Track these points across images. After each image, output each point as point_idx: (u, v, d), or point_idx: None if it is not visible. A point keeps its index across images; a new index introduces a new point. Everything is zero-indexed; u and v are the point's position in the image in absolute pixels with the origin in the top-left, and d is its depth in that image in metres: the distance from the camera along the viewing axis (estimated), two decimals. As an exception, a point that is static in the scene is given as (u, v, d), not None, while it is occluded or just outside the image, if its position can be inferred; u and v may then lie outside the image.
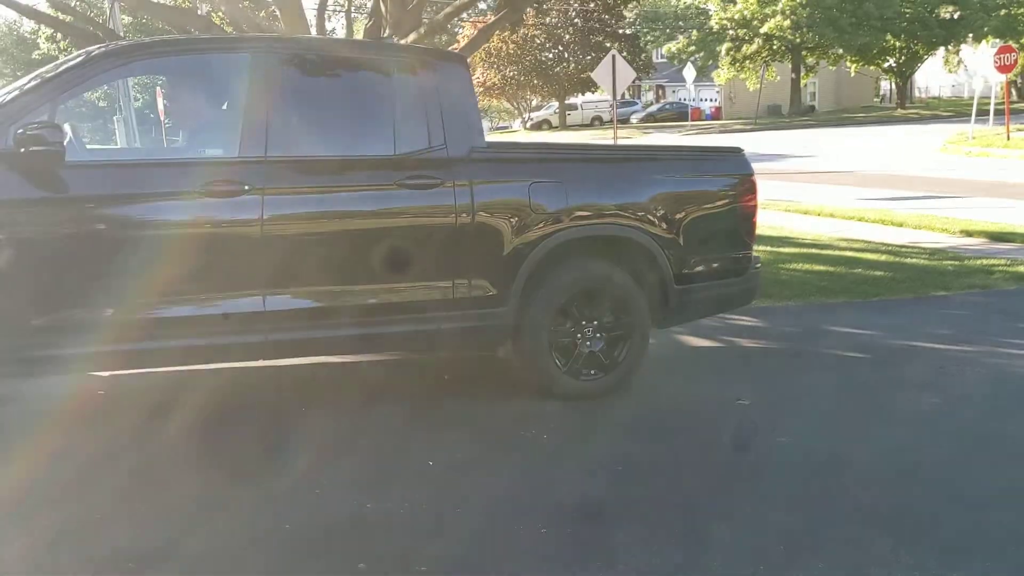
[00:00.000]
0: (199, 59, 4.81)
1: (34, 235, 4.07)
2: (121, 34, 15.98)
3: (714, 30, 47.44)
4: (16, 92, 4.34)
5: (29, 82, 4.49)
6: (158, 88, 26.01)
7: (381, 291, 4.64)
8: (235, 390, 5.17)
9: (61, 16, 12.30)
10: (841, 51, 48.41)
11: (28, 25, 49.71)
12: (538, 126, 53.12)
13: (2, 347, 4.00)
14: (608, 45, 41.47)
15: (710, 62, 49.77)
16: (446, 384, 5.43)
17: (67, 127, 4.19)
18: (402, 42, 8.42)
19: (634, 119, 51.89)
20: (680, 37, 50.33)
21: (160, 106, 26.09)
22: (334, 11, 20.02)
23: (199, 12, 12.07)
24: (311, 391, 5.24)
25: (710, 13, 48.24)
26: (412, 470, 4.02)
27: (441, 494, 3.75)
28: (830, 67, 53.43)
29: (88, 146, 6.13)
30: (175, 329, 4.31)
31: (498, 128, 57.04)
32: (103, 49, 4.70)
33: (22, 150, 3.91)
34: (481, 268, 4.74)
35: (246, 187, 4.28)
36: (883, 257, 9.40)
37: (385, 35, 9.17)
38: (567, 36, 48.04)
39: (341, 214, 4.57)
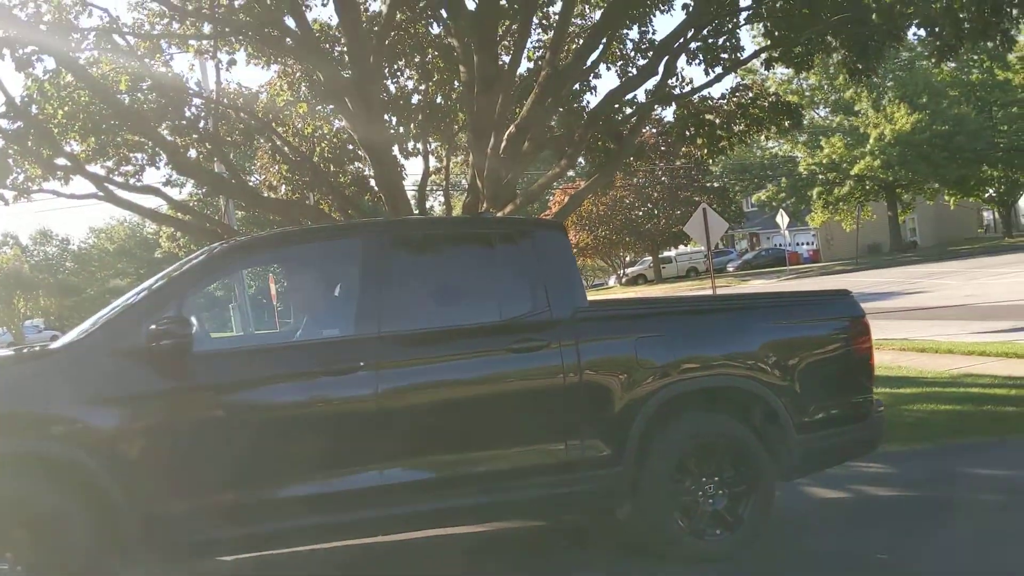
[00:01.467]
0: (313, 247, 5.14)
1: (165, 425, 4.25)
2: (235, 227, 17.09)
3: (803, 176, 47.66)
4: (146, 291, 4.66)
5: (158, 280, 4.82)
6: (270, 275, 27.42)
7: (496, 457, 4.64)
8: (358, 569, 5.15)
9: (181, 216, 13.26)
10: (937, 185, 47.80)
11: (150, 227, 53.68)
12: (633, 281, 53.52)
13: (141, 539, 4.10)
14: (697, 199, 41.98)
15: (802, 207, 49.78)
16: (567, 549, 5.29)
17: (194, 319, 4.45)
18: (499, 214, 8.75)
19: (731, 267, 51.85)
20: (769, 185, 50.69)
21: (272, 291, 27.47)
22: (432, 190, 21.03)
23: (308, 202, 12.86)
24: (434, 565, 5.16)
25: (797, 160, 48.62)
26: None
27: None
28: (928, 202, 52.65)
29: (211, 335, 6.46)
30: (297, 508, 4.36)
31: (594, 286, 57.63)
32: (225, 246, 5.04)
33: (154, 344, 4.16)
34: (593, 428, 4.71)
35: (361, 363, 4.42)
36: (1013, 392, 8.92)
37: (483, 209, 9.56)
38: (655, 194, 48.96)
39: (453, 382, 4.66)
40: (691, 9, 10.34)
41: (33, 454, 4.05)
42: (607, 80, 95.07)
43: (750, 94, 12.34)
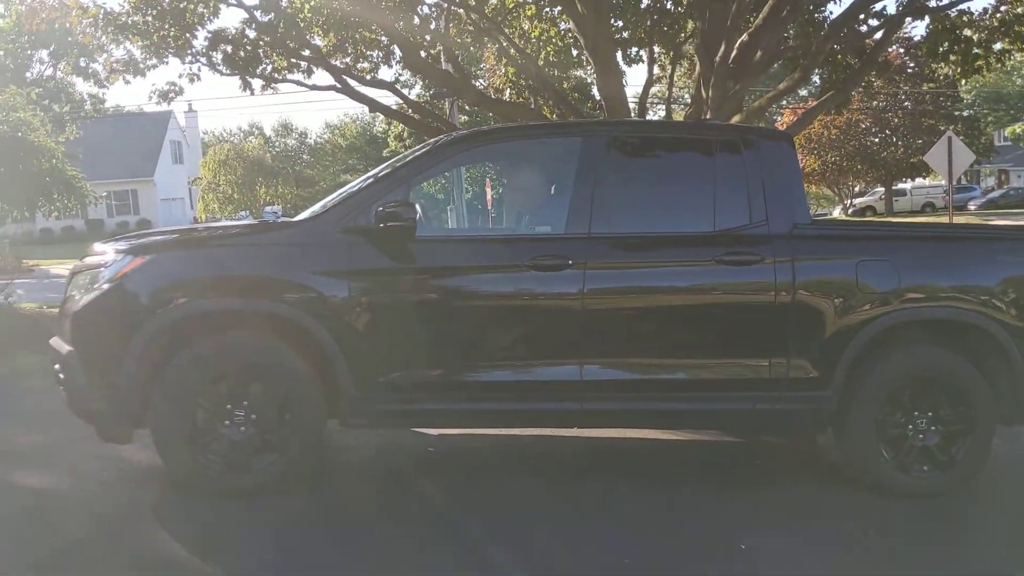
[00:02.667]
0: (533, 143, 5.20)
1: (385, 301, 4.53)
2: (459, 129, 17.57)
3: (1068, 108, 42.72)
4: (373, 178, 4.90)
5: (383, 169, 5.04)
6: (487, 180, 28.12)
7: (695, 366, 4.62)
8: (545, 457, 5.35)
9: (412, 113, 13.81)
10: None
11: (380, 126, 56.23)
12: (861, 213, 50.37)
13: (357, 401, 4.46)
14: (942, 128, 38.60)
15: (1065, 143, 44.77)
16: (758, 468, 5.23)
17: (417, 206, 4.65)
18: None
19: (972, 205, 47.63)
20: (1026, 117, 45.89)
21: (488, 196, 28.20)
22: (652, 103, 20.64)
23: (531, 106, 13.00)
24: (612, 464, 5.26)
25: (1063, 90, 43.58)
26: (722, 552, 3.89)
27: (754, 579, 3.60)
28: None
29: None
30: (497, 392, 4.56)
31: (817, 215, 54.94)
32: (449, 137, 5.20)
33: (381, 225, 4.42)
34: (801, 348, 4.57)
35: (570, 262, 4.49)
36: None
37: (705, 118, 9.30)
38: (895, 119, 45.41)
39: (659, 289, 4.63)
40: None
41: (271, 316, 4.43)
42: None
43: (1018, 9, 11.11)
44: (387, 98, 14.54)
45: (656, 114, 30.31)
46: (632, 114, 11.27)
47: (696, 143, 5.01)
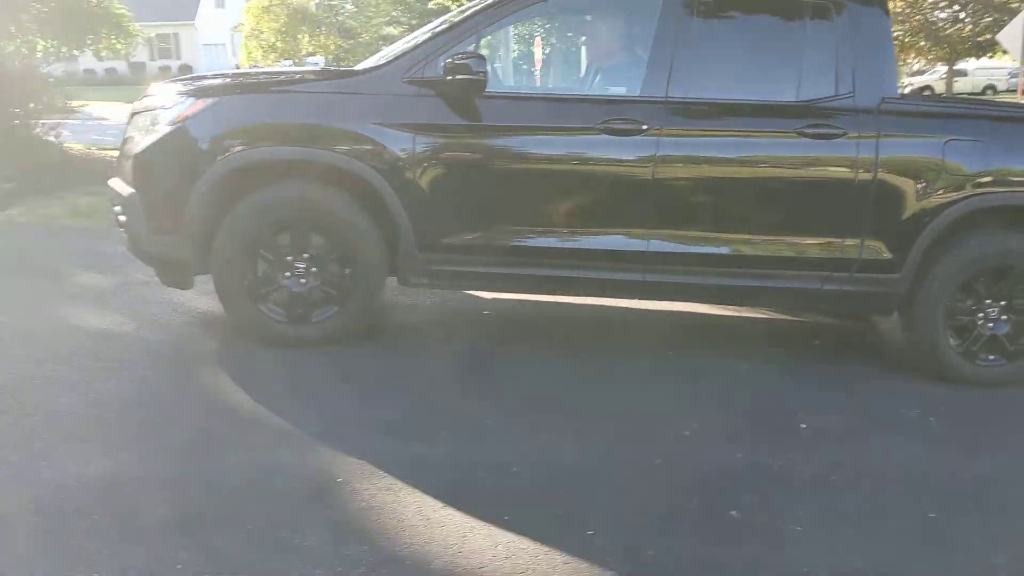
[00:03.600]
0: (614, -2, 4.90)
1: (450, 158, 4.40)
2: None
3: None
4: (440, 29, 4.65)
5: (442, 24, 4.78)
6: (537, 39, 27.22)
7: (765, 242, 4.47)
8: (600, 326, 5.32)
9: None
10: None
11: (426, -23, 54.37)
12: (918, 92, 48.61)
13: (417, 260, 4.40)
14: (1013, 6, 36.46)
15: None
16: (818, 349, 5.17)
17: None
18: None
19: (1037, 89, 45.64)
20: (1110, -4, 43.17)
21: (537, 56, 27.35)
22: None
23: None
24: (670, 336, 5.21)
25: None
26: (782, 429, 3.86)
27: (812, 458, 3.56)
28: None
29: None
30: (560, 259, 4.47)
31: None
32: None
33: (449, 78, 4.23)
34: (878, 229, 4.40)
35: (644, 127, 4.30)
36: None
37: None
38: (967, -6, 43.09)
39: (736, 160, 4.43)
40: None
41: (334, 167, 4.32)
42: None
43: None
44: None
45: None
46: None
47: (785, 5, 4.67)
